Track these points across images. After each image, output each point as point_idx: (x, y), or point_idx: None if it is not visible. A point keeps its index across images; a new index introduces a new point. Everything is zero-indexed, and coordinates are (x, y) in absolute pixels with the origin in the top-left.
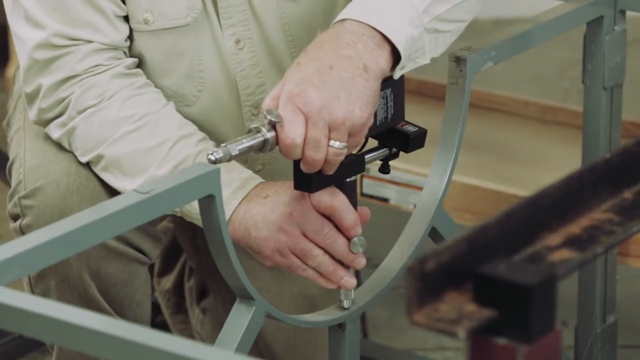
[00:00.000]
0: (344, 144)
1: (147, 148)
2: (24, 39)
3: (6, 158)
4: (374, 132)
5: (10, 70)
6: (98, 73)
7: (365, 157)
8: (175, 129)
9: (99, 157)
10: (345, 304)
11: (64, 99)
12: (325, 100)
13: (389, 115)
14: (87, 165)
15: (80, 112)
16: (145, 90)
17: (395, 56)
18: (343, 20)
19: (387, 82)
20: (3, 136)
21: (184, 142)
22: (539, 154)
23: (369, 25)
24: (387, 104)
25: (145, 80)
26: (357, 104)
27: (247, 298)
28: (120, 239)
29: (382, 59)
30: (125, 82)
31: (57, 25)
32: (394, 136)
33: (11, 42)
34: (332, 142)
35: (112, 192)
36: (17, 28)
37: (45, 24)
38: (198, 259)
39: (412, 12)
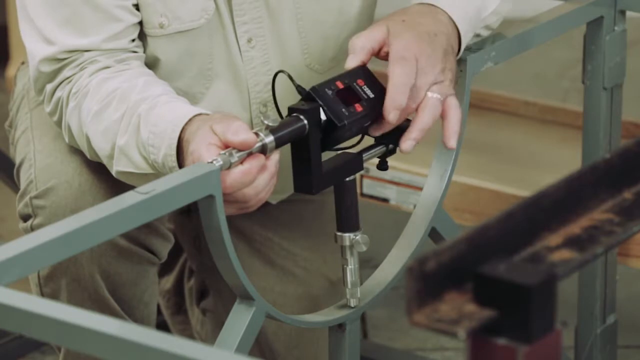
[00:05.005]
0: (440, 97)
1: (113, 121)
2: (32, 52)
3: (6, 159)
4: (370, 107)
5: (10, 71)
6: (85, 69)
7: (363, 155)
8: (136, 93)
9: (95, 151)
10: (352, 302)
11: (58, 100)
12: (429, 58)
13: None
14: (100, 164)
15: (66, 111)
16: (122, 73)
17: None
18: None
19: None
20: (3, 137)
21: (137, 105)
22: (538, 154)
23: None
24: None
25: (129, 66)
26: (449, 77)
27: (247, 298)
28: (132, 238)
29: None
30: (105, 71)
31: (67, 39)
32: (389, 133)
33: (11, 43)
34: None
35: (126, 190)
36: (27, 40)
37: (56, 41)
38: (199, 259)
39: (477, 18)
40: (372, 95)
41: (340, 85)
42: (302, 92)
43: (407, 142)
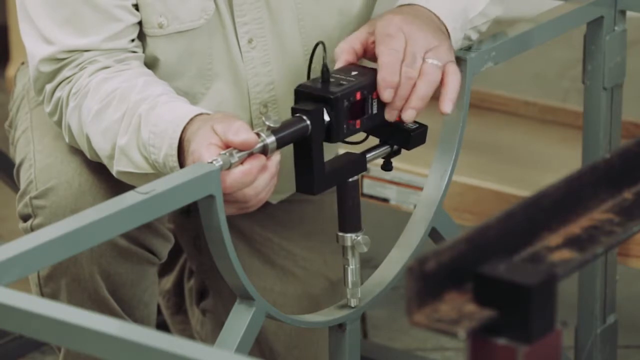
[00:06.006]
0: (438, 62)
1: (113, 121)
2: (32, 52)
3: (6, 159)
4: (368, 124)
5: (10, 71)
6: (85, 69)
7: (367, 155)
8: (136, 93)
9: (95, 151)
10: (352, 302)
11: (58, 100)
12: (414, 25)
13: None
14: (100, 165)
15: (66, 111)
16: (121, 73)
17: None
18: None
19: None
20: (3, 137)
21: (137, 105)
22: (538, 154)
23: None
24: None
25: (129, 66)
26: (445, 44)
27: (247, 298)
28: (132, 238)
29: None
30: (104, 71)
31: (67, 39)
32: (394, 133)
33: (11, 42)
34: (427, 59)
35: (126, 191)
36: (27, 40)
37: (55, 41)
38: (199, 259)
39: (464, 17)
40: (375, 112)
41: (358, 96)
42: (325, 72)
43: (407, 112)
